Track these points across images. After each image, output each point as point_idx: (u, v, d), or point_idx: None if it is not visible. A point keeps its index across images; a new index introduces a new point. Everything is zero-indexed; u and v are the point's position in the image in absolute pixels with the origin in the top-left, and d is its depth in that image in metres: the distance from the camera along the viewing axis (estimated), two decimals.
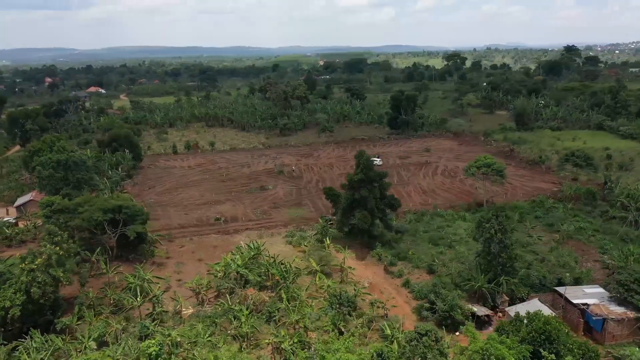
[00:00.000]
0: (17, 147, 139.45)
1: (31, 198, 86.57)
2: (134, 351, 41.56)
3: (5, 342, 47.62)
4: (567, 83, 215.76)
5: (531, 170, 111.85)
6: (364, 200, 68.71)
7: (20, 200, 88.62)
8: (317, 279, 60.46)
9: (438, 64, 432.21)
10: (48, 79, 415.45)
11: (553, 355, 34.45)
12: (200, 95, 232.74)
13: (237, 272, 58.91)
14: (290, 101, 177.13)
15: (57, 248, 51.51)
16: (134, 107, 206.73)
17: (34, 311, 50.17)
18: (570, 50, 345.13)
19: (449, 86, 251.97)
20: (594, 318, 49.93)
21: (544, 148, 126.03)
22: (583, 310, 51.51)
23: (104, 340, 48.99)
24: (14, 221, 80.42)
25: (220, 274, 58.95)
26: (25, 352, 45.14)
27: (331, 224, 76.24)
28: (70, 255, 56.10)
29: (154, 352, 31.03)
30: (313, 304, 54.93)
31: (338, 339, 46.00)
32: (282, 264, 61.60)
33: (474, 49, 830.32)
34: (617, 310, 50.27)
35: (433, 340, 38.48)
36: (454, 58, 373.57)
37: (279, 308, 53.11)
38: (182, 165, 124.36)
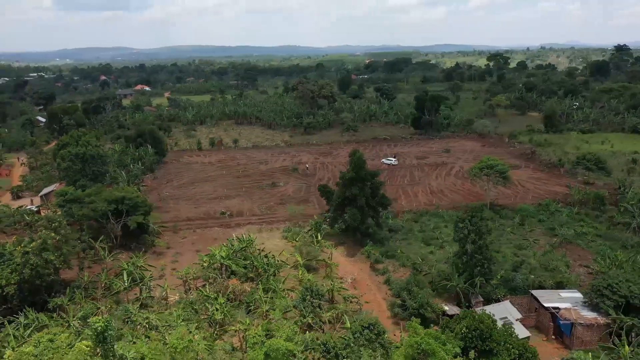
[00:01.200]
0: (55, 142, 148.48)
1: (54, 188, 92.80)
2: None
3: (1, 317, 52.25)
4: (609, 84, 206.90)
5: (549, 173, 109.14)
6: (355, 198, 69.97)
7: (44, 190, 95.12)
8: (300, 272, 62.40)
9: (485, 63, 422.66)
10: (103, 77, 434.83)
11: (473, 352, 34.90)
12: (235, 94, 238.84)
13: (221, 263, 61.62)
14: (317, 100, 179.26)
15: (53, 234, 55.81)
16: (170, 105, 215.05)
17: (30, 290, 54.72)
18: (620, 49, 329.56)
19: (484, 86, 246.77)
20: (561, 322, 49.38)
21: (568, 151, 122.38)
22: (554, 314, 50.99)
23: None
24: (35, 209, 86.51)
25: (205, 264, 61.80)
26: (15, 327, 49.41)
27: (328, 220, 77.92)
28: (67, 240, 60.41)
29: (99, 328, 33.82)
30: (287, 296, 56.83)
31: (305, 332, 47.80)
32: (266, 257, 63.90)
33: (527, 48, 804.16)
34: (588, 315, 49.48)
35: (375, 334, 39.60)
36: (496, 58, 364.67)
37: (255, 299, 55.40)
38: (203, 161, 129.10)
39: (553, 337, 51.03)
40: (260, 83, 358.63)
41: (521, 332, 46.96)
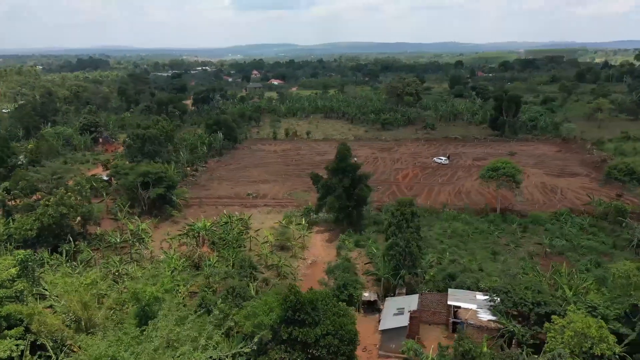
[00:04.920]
0: None
1: None
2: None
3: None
4: None
5: (605, 184, 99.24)
6: (333, 187, 74.55)
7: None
8: (261, 249, 69.46)
9: None
10: (255, 72, 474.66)
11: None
12: (337, 90, 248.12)
13: (199, 233, 71.37)
14: (403, 97, 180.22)
15: (68, 193, 70.46)
16: (278, 98, 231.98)
17: (53, 236, 69.99)
18: None
19: (607, 88, 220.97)
20: (451, 320, 49.72)
21: None
22: (455, 312, 51.27)
23: (90, 265, 66.37)
24: (107, 178, 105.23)
25: (184, 232, 72.12)
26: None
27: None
28: (89, 199, 75.24)
29: (21, 257, 45.42)
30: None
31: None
32: (239, 233, 72.03)
33: None
34: (484, 317, 49.01)
35: (235, 295, 45.72)
36: None
37: (209, 265, 64.02)
38: (269, 149, 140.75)
39: (453, 333, 51.36)
40: (382, 79, 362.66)
41: (401, 321, 48.78)
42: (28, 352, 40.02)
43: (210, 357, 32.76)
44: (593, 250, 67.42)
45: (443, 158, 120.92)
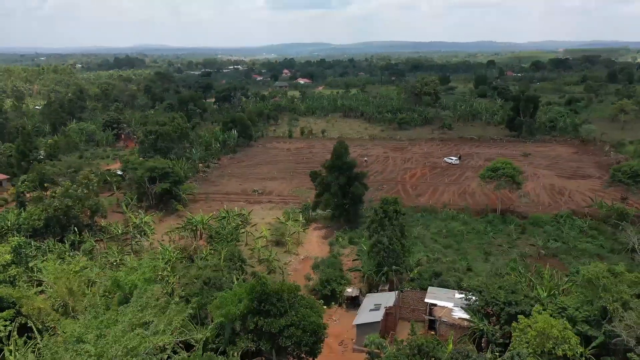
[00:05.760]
0: None
1: None
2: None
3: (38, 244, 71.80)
4: None
5: (617, 187, 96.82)
6: (329, 185, 75.67)
7: None
8: (257, 244, 71.16)
9: None
10: (285, 71, 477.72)
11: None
12: (359, 89, 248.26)
13: (196, 226, 73.68)
14: (421, 97, 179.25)
15: (74, 185, 73.87)
16: (301, 97, 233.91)
17: (54, 227, 73.51)
18: None
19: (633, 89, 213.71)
20: (426, 317, 50.18)
21: None
22: (431, 310, 51.70)
23: (92, 255, 69.53)
24: (120, 173, 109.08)
25: (182, 225, 74.54)
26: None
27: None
28: (96, 193, 78.57)
29: (14, 243, 48.38)
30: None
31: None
32: (235, 228, 73.92)
33: None
34: (457, 315, 49.34)
35: (210, 286, 47.48)
36: None
37: (201, 257, 66.15)
38: (283, 147, 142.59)
39: (431, 331, 51.82)
40: (409, 78, 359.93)
41: (375, 317, 49.61)
42: (16, 332, 42.76)
43: (162, 341, 34.46)
44: (587, 253, 66.46)
45: (454, 158, 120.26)
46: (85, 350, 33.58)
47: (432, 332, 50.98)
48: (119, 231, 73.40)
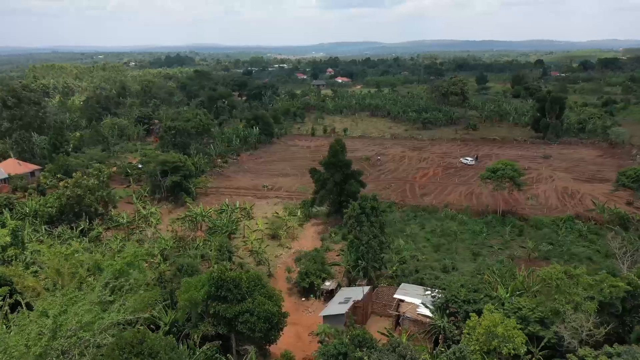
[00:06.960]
0: None
1: None
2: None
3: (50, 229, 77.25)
4: None
5: (616, 190, 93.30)
6: (325, 181, 77.35)
7: None
8: (252, 236, 73.77)
9: None
10: (329, 70, 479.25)
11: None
12: (390, 88, 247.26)
13: (195, 217, 77.11)
14: (448, 96, 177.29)
15: (84, 176, 78.76)
16: (333, 95, 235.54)
17: (67, 214, 78.64)
18: None
19: None
20: (393, 312, 51.15)
21: None
22: (399, 305, 52.58)
23: (99, 241, 74.21)
24: (140, 166, 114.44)
25: (183, 216, 78.14)
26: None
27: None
28: (107, 183, 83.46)
29: (12, 226, 52.94)
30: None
31: None
32: (232, 221, 76.83)
33: None
34: (422, 312, 50.05)
35: (183, 273, 50.36)
36: None
37: (196, 246, 69.46)
38: (303, 145, 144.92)
39: (398, 325, 52.74)
40: (443, 78, 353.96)
41: (341, 309, 51.08)
42: (7, 307, 47.09)
43: (112, 318, 37.42)
44: (578, 257, 65.23)
45: (469, 158, 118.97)
46: (45, 324, 37.01)
47: (399, 327, 51.94)
48: (125, 220, 77.72)
